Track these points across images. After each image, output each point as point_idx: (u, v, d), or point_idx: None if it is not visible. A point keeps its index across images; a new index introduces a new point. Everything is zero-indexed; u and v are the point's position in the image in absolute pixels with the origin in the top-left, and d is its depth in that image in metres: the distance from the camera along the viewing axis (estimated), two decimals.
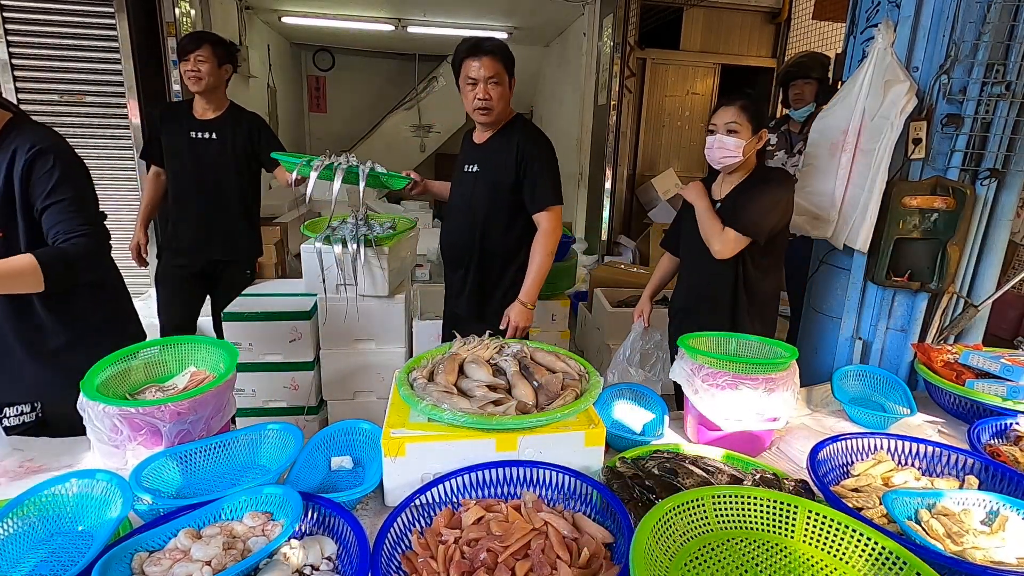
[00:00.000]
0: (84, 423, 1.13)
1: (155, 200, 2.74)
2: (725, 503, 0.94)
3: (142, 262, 2.70)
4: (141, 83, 3.67)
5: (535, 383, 1.23)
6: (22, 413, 1.46)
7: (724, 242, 1.74)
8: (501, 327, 1.87)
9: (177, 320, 2.72)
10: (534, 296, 1.87)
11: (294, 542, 0.91)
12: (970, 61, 1.71)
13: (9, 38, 3.47)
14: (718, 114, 1.77)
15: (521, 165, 1.87)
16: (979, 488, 1.12)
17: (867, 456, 1.23)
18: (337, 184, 1.91)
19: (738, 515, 0.94)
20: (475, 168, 1.95)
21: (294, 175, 1.96)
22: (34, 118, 1.43)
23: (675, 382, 1.46)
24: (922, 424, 1.52)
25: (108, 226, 1.47)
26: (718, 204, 1.85)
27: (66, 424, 1.34)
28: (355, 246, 2.09)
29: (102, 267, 1.50)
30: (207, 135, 2.56)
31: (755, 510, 0.94)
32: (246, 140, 2.60)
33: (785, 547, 0.91)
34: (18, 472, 1.20)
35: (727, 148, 1.74)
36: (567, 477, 1.07)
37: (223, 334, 2.60)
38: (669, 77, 5.52)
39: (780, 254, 1.90)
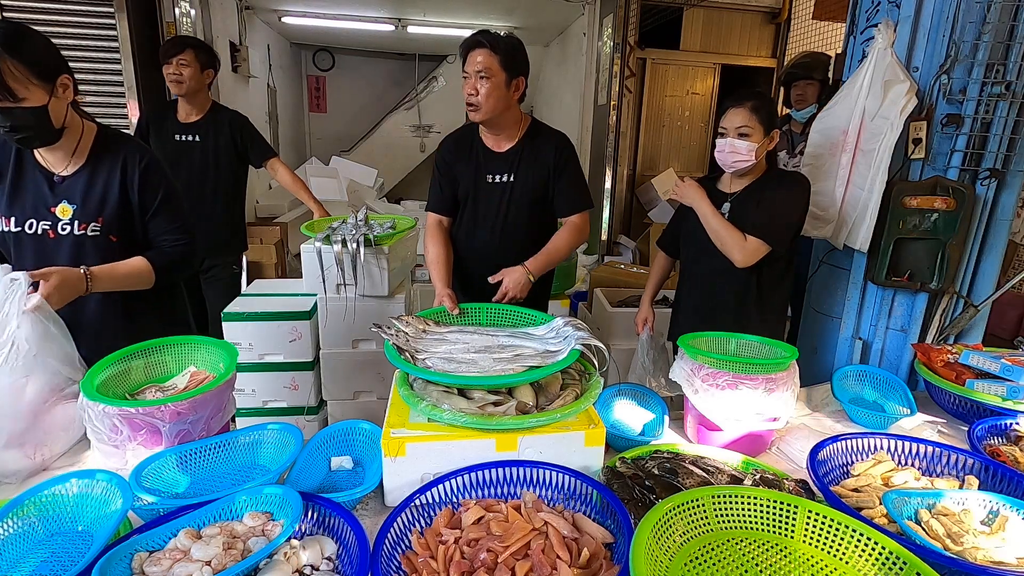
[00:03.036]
0: (84, 423, 1.13)
1: None
2: (725, 503, 0.94)
3: None
4: (141, 83, 3.67)
5: (535, 383, 1.23)
6: None
7: (746, 251, 1.68)
8: (497, 293, 1.70)
9: (190, 309, 2.85)
10: (540, 270, 1.78)
11: (294, 542, 0.91)
12: (970, 61, 1.72)
13: None
14: (728, 117, 1.70)
15: (555, 173, 1.84)
16: (979, 488, 1.11)
17: (867, 456, 1.23)
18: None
19: (738, 515, 0.94)
20: (508, 178, 1.86)
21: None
22: None
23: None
24: (922, 424, 1.52)
25: None
26: (727, 202, 1.78)
27: None
28: (355, 246, 2.09)
29: (193, 270, 1.66)
30: (191, 137, 2.64)
31: (755, 510, 0.94)
32: (229, 140, 2.68)
33: (785, 547, 0.91)
34: None
35: (739, 152, 1.68)
36: (567, 477, 1.07)
37: (210, 328, 2.66)
38: (669, 77, 5.52)
39: (793, 258, 1.86)
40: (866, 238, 1.89)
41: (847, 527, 0.88)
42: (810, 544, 0.91)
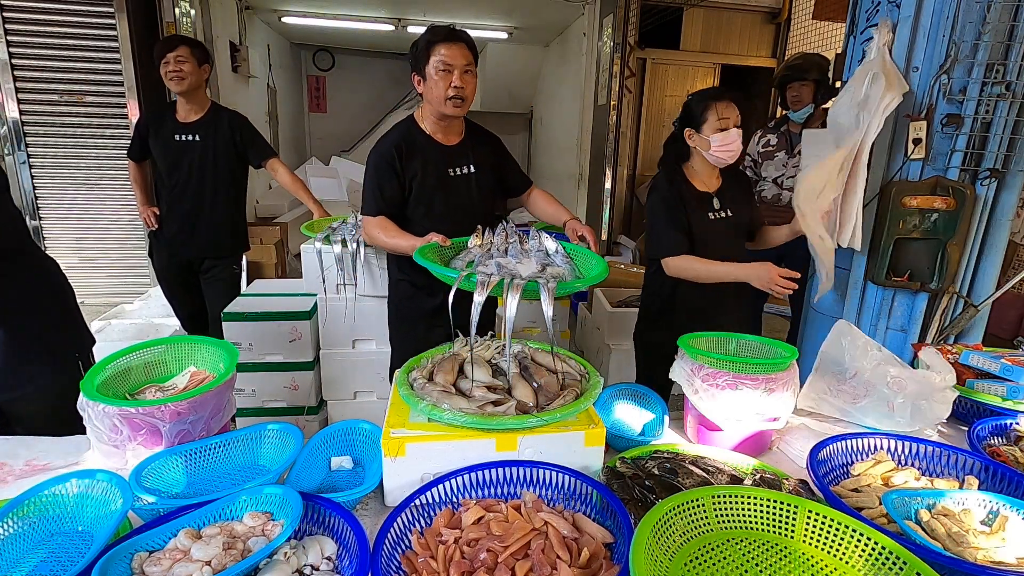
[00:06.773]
0: (84, 423, 1.13)
1: (145, 179, 2.88)
2: (725, 503, 0.94)
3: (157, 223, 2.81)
4: (141, 83, 3.68)
5: (535, 383, 1.23)
6: None
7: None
8: (578, 236, 1.77)
9: (188, 309, 2.93)
10: None
11: (294, 542, 0.91)
12: (970, 61, 1.72)
13: (9, 38, 3.48)
14: (726, 109, 1.75)
15: (501, 159, 2.02)
16: (979, 488, 1.11)
17: (867, 456, 1.23)
18: (512, 306, 1.24)
19: (738, 515, 0.94)
20: (470, 170, 1.92)
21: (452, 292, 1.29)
22: (35, 119, 1.45)
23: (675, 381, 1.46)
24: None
25: (107, 226, 1.48)
26: (715, 198, 1.89)
27: (29, 424, 1.43)
28: (355, 246, 2.09)
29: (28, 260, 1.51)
30: (190, 137, 2.64)
31: (755, 510, 0.94)
32: (228, 140, 2.68)
33: (785, 547, 0.91)
34: (24, 471, 1.20)
35: (741, 143, 1.78)
36: (567, 477, 1.07)
37: (210, 328, 2.65)
38: (669, 77, 5.52)
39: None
40: (857, 237, 1.89)
41: (847, 527, 0.88)
42: (810, 544, 0.91)
